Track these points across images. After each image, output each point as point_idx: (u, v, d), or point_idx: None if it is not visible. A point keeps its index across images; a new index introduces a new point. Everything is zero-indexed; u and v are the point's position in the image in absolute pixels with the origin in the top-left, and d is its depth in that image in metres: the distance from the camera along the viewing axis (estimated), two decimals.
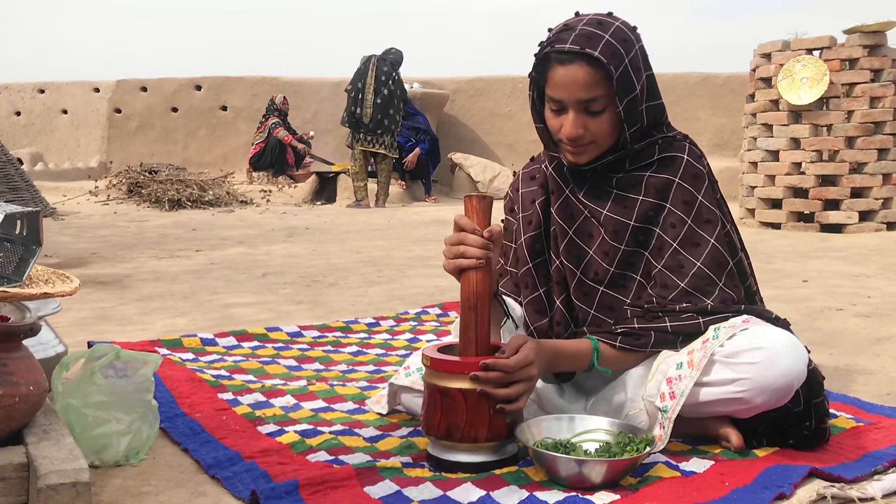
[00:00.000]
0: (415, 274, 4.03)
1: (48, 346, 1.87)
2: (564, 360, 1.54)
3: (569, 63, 1.49)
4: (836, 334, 2.62)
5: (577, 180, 1.64)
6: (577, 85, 1.49)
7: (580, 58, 1.48)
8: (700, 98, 10.86)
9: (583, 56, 1.48)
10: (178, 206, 8.36)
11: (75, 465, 1.22)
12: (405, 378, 1.72)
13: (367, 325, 2.74)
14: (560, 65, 1.50)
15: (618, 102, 1.51)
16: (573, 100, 1.51)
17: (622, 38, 1.50)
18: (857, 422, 1.68)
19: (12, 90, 12.34)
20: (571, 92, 1.51)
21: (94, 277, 3.90)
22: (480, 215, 1.48)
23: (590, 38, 1.48)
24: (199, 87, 11.51)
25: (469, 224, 1.47)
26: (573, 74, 1.49)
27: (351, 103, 8.43)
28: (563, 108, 1.54)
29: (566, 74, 1.50)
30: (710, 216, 1.57)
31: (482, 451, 1.43)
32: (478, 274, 1.45)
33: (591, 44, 1.47)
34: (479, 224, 1.47)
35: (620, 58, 1.49)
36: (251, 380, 2.04)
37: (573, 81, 1.49)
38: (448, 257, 1.47)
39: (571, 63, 1.49)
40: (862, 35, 5.74)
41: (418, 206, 8.91)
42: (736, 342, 1.46)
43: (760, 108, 6.15)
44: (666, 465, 1.43)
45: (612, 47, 1.48)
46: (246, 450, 1.52)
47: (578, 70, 1.49)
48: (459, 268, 1.46)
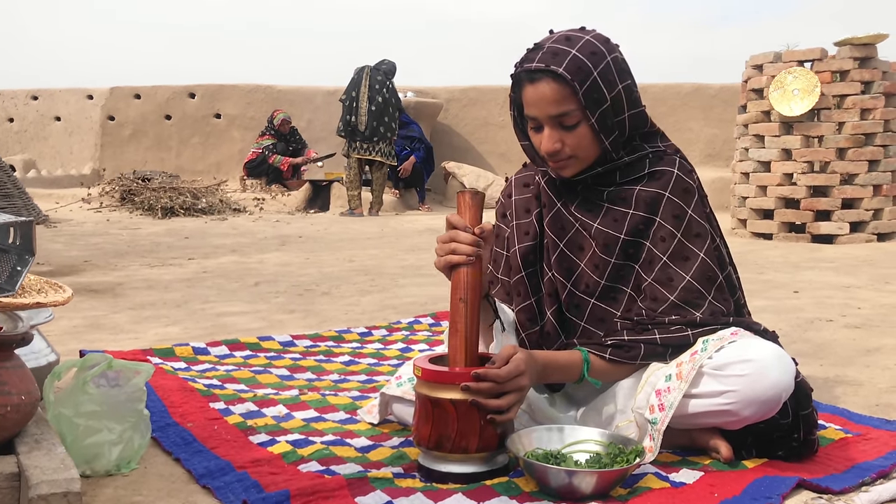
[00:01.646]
0: (407, 283, 4.04)
1: (40, 355, 1.87)
2: (555, 371, 1.55)
3: (537, 81, 1.52)
4: (826, 345, 2.63)
5: (569, 193, 1.66)
6: (546, 101, 1.52)
7: (546, 75, 1.51)
8: (692, 108, 10.90)
9: (548, 73, 1.51)
10: (170, 214, 8.35)
11: (67, 475, 1.22)
12: (397, 388, 1.73)
13: (359, 335, 2.74)
14: (529, 83, 1.53)
15: (589, 115, 1.53)
16: (545, 116, 1.54)
17: (590, 51, 1.53)
18: (845, 433, 1.69)
19: (5, 97, 12.31)
20: (542, 109, 1.54)
21: (87, 285, 3.89)
22: (472, 211, 1.50)
23: (556, 54, 1.51)
24: (192, 95, 11.50)
25: (460, 222, 1.49)
26: (541, 92, 1.52)
27: (346, 112, 8.44)
28: (540, 126, 1.57)
29: (535, 92, 1.53)
30: (700, 230, 1.58)
31: (473, 462, 1.44)
32: (468, 270, 1.47)
33: (557, 60, 1.50)
34: (470, 220, 1.50)
35: (587, 71, 1.51)
36: (243, 389, 2.05)
37: (542, 98, 1.53)
38: (439, 254, 1.50)
39: (539, 81, 1.52)
40: (853, 47, 5.79)
41: (411, 215, 8.92)
42: (724, 354, 1.47)
43: (752, 119, 6.19)
44: (656, 476, 1.44)
45: (578, 62, 1.50)
46: (237, 460, 1.53)
47: (545, 87, 1.52)
48: (450, 264, 1.48)
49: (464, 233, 1.48)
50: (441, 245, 1.50)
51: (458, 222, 1.50)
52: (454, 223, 1.50)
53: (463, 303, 1.47)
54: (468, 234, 1.48)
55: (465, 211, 1.51)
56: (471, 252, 1.47)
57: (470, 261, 1.47)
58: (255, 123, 11.03)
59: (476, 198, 1.51)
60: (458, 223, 1.49)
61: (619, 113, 1.56)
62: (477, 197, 1.52)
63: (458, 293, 1.47)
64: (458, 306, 1.47)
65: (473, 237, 1.47)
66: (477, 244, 1.47)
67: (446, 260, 1.48)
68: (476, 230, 1.48)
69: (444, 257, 1.49)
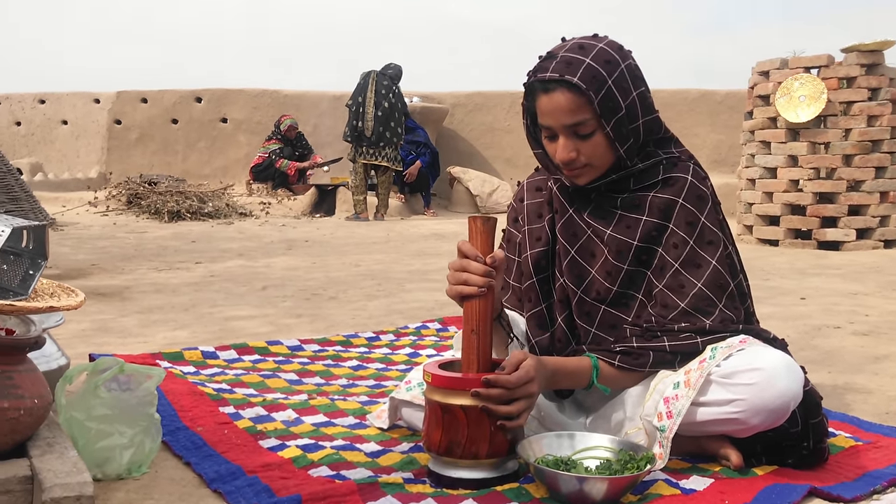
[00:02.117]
0: (414, 288, 4.04)
1: (51, 359, 1.87)
2: (564, 378, 1.55)
3: (551, 91, 1.52)
4: (834, 353, 2.63)
5: (581, 200, 1.66)
6: (561, 111, 1.52)
7: (561, 85, 1.51)
8: (698, 114, 10.90)
9: (563, 83, 1.50)
10: (177, 218, 8.37)
11: (79, 479, 1.23)
12: (406, 393, 1.73)
13: (367, 340, 2.74)
14: (544, 93, 1.53)
15: (604, 124, 1.53)
16: (560, 125, 1.54)
17: (605, 59, 1.52)
18: (855, 441, 1.69)
19: (13, 100, 12.37)
20: (557, 118, 1.53)
21: (95, 289, 3.91)
22: (484, 237, 1.48)
23: (570, 63, 1.51)
24: (199, 100, 11.54)
25: (472, 251, 1.47)
26: (556, 102, 1.52)
27: (352, 117, 8.46)
28: (554, 135, 1.56)
29: (549, 102, 1.53)
30: (713, 237, 1.58)
31: (483, 468, 1.44)
32: (480, 301, 1.46)
33: (571, 70, 1.50)
34: (482, 247, 1.48)
35: (602, 80, 1.51)
36: (252, 393, 2.05)
37: (557, 108, 1.52)
38: (451, 283, 1.48)
39: (554, 91, 1.52)
40: (860, 54, 5.78)
41: (417, 220, 8.92)
42: (732, 363, 1.47)
43: (758, 126, 6.18)
44: (666, 482, 1.44)
45: (592, 71, 1.50)
46: (248, 464, 1.53)
47: (560, 97, 1.51)
48: (462, 295, 1.47)
49: (475, 263, 1.46)
50: (452, 273, 1.48)
51: (469, 251, 1.48)
52: (466, 252, 1.48)
53: (475, 335, 1.47)
54: (480, 264, 1.46)
55: (477, 237, 1.48)
56: (482, 283, 1.45)
57: (482, 292, 1.46)
58: (261, 128, 11.06)
59: (488, 224, 1.49)
60: (470, 252, 1.47)
61: (634, 120, 1.56)
62: (489, 223, 1.49)
63: (470, 325, 1.47)
64: (471, 338, 1.47)
65: (485, 268, 1.46)
66: (489, 274, 1.46)
67: (458, 290, 1.47)
68: (488, 259, 1.47)
69: (456, 287, 1.47)
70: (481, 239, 1.48)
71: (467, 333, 1.47)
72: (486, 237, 1.48)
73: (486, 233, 1.49)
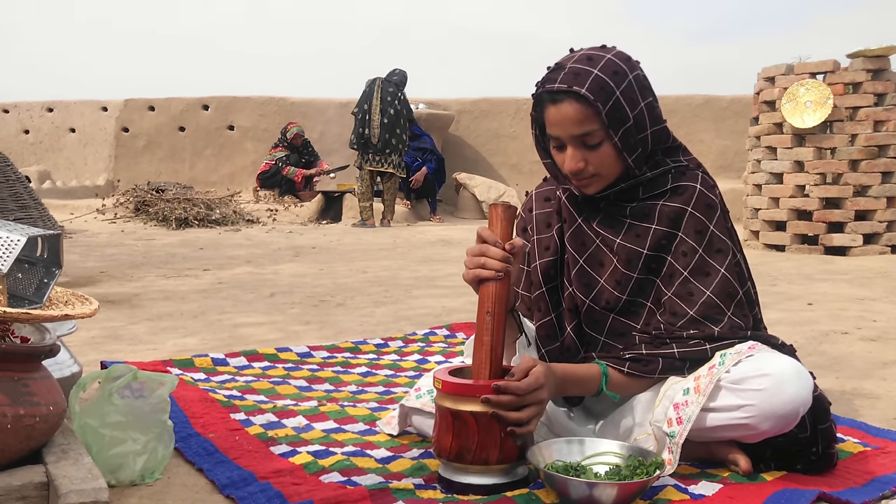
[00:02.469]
0: (421, 294, 4.06)
1: (63, 366, 1.89)
2: (574, 385, 1.56)
3: (559, 102, 1.53)
4: (842, 358, 2.63)
5: (590, 209, 1.67)
6: (569, 122, 1.54)
7: (569, 96, 1.52)
8: (703, 120, 10.90)
9: (571, 94, 1.52)
10: (185, 225, 8.41)
11: (95, 485, 1.24)
12: (416, 400, 1.74)
13: (375, 346, 2.76)
14: (552, 104, 1.55)
15: (612, 134, 1.54)
16: (568, 136, 1.55)
17: (613, 70, 1.54)
18: (864, 446, 1.70)
19: (21, 109, 12.45)
20: (565, 129, 1.55)
21: (104, 296, 3.93)
22: (504, 224, 1.51)
23: (578, 75, 1.52)
24: (206, 107, 11.59)
25: (491, 236, 1.50)
26: (564, 112, 1.53)
27: (358, 125, 8.49)
28: (563, 145, 1.58)
29: (558, 113, 1.54)
30: (722, 246, 1.59)
31: (493, 474, 1.45)
32: (496, 284, 1.48)
33: (579, 81, 1.51)
34: (502, 233, 1.51)
35: (610, 91, 1.52)
36: (263, 400, 2.06)
37: (564, 119, 1.54)
38: (469, 267, 1.50)
39: (561, 102, 1.53)
40: (865, 59, 5.79)
41: (423, 226, 8.94)
42: (742, 368, 1.48)
43: (764, 132, 6.19)
44: (675, 488, 1.45)
45: (600, 82, 1.52)
46: (260, 470, 1.54)
47: (568, 108, 1.53)
48: (479, 278, 1.49)
49: (494, 248, 1.49)
50: (470, 258, 1.51)
51: (488, 236, 1.50)
52: (485, 237, 1.50)
53: (489, 316, 1.48)
54: (498, 249, 1.49)
55: (497, 224, 1.51)
56: (500, 268, 1.47)
57: (499, 276, 1.48)
58: (267, 135, 11.10)
59: (508, 211, 1.52)
60: (489, 237, 1.50)
61: (642, 130, 1.57)
62: (509, 210, 1.52)
63: (486, 307, 1.49)
64: (485, 319, 1.49)
65: (503, 252, 1.48)
66: (507, 260, 1.48)
67: (475, 274, 1.49)
68: (507, 246, 1.49)
69: (473, 271, 1.49)
70: (501, 226, 1.51)
71: (482, 315, 1.49)
72: (506, 224, 1.51)
73: (506, 220, 1.51)
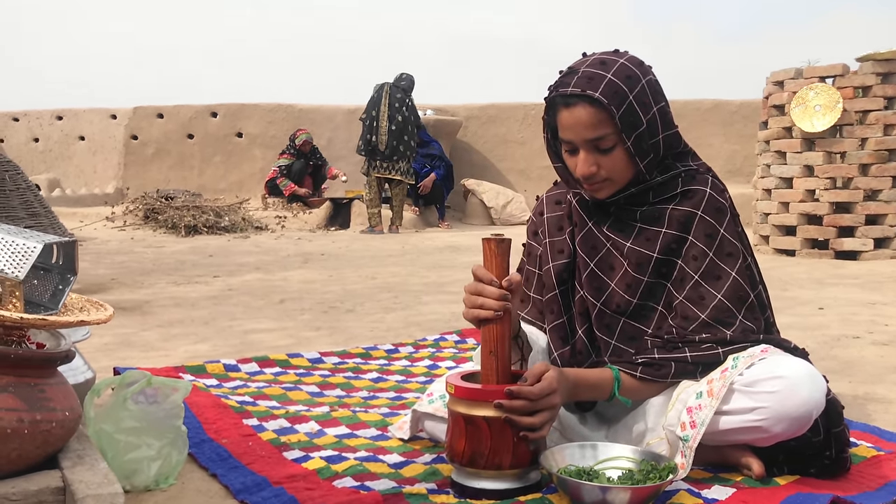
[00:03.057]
0: (431, 300, 4.06)
1: (77, 373, 1.90)
2: (586, 390, 1.57)
3: (573, 106, 1.53)
4: (853, 363, 2.62)
5: (601, 213, 1.68)
6: (582, 126, 1.54)
7: (582, 100, 1.52)
8: (712, 124, 10.90)
9: (584, 98, 1.52)
10: (194, 232, 8.44)
11: (111, 490, 1.25)
12: (428, 405, 1.75)
13: (386, 352, 2.76)
14: (565, 108, 1.55)
15: (625, 139, 1.54)
16: (581, 140, 1.56)
17: (626, 74, 1.54)
18: (877, 450, 1.69)
19: (31, 117, 12.52)
20: (578, 133, 1.55)
21: (115, 303, 3.94)
22: (498, 259, 1.49)
23: (591, 79, 1.52)
24: (214, 114, 11.64)
25: (486, 275, 1.48)
26: (577, 116, 1.53)
27: (366, 132, 8.52)
28: (575, 149, 1.58)
29: (570, 117, 1.54)
30: (732, 249, 1.59)
31: (506, 479, 1.45)
32: (497, 325, 1.47)
33: (592, 85, 1.51)
34: (497, 269, 1.49)
35: (623, 95, 1.52)
36: (275, 406, 2.07)
37: (578, 123, 1.54)
38: (467, 306, 1.49)
39: (575, 106, 1.53)
40: (875, 63, 5.77)
41: (432, 232, 8.95)
42: (755, 371, 1.47)
43: (774, 136, 6.18)
44: (688, 492, 1.45)
45: (613, 86, 1.52)
46: (273, 475, 1.55)
47: (582, 112, 1.53)
48: (478, 318, 1.48)
49: (490, 287, 1.47)
50: (468, 297, 1.49)
51: (483, 276, 1.49)
52: (480, 277, 1.49)
53: (493, 356, 1.48)
54: (494, 288, 1.47)
55: (491, 259, 1.49)
56: (498, 307, 1.46)
57: (498, 316, 1.47)
58: (276, 142, 11.14)
59: (502, 246, 1.49)
60: (484, 277, 1.48)
61: (654, 135, 1.58)
62: (503, 245, 1.50)
63: (489, 347, 1.48)
64: (489, 359, 1.48)
65: (500, 292, 1.47)
66: (504, 298, 1.47)
67: (475, 314, 1.48)
68: (504, 283, 1.48)
69: (473, 311, 1.48)
70: (496, 262, 1.49)
71: (486, 355, 1.49)
72: (500, 259, 1.49)
73: (500, 255, 1.49)
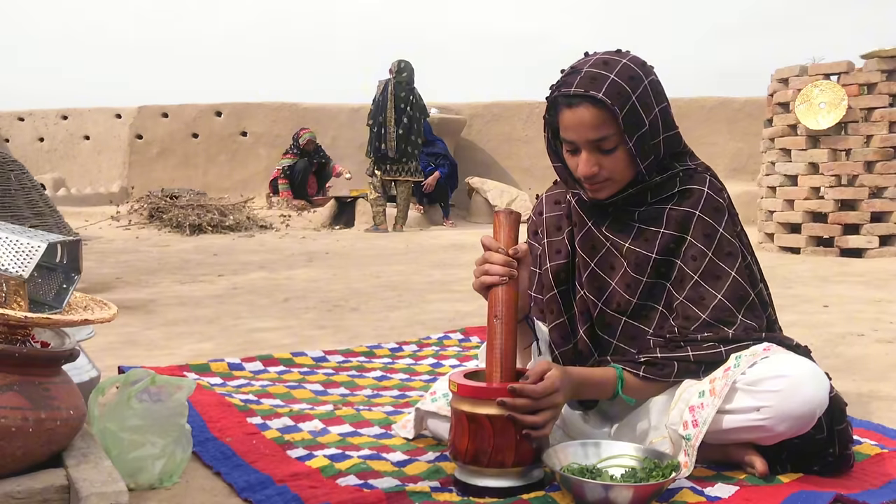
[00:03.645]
0: (435, 299, 4.06)
1: (82, 371, 1.91)
2: (589, 388, 1.57)
3: (575, 106, 1.53)
4: (858, 360, 2.62)
5: (599, 214, 1.68)
6: (585, 126, 1.54)
7: (585, 100, 1.52)
8: (717, 123, 10.87)
9: (587, 98, 1.52)
10: (198, 231, 8.45)
11: (115, 488, 1.26)
12: (431, 404, 1.75)
13: (390, 350, 2.77)
14: (567, 108, 1.55)
15: (627, 139, 1.54)
16: (583, 140, 1.56)
17: (629, 75, 1.54)
18: (881, 448, 1.69)
19: (36, 117, 12.55)
20: (580, 133, 1.55)
21: (120, 302, 3.94)
22: (507, 230, 1.54)
23: (594, 79, 1.52)
24: (219, 114, 11.66)
25: (493, 243, 1.53)
26: (580, 117, 1.53)
27: (374, 139, 8.49)
28: (577, 149, 1.58)
29: (573, 117, 1.54)
30: (731, 249, 1.59)
31: (509, 476, 1.45)
32: (502, 288, 1.50)
33: (596, 85, 1.51)
34: (506, 238, 1.53)
35: (626, 96, 1.52)
36: (279, 404, 2.08)
37: (580, 123, 1.54)
38: (476, 276, 1.53)
39: (578, 106, 1.53)
40: (880, 60, 5.76)
41: (436, 231, 8.95)
42: (757, 370, 1.47)
43: (778, 133, 6.17)
44: (691, 490, 1.45)
45: (617, 87, 1.52)
46: (277, 473, 1.55)
47: (585, 112, 1.53)
48: (484, 284, 1.52)
49: (496, 254, 1.51)
50: (476, 267, 1.54)
51: (490, 244, 1.53)
52: (487, 245, 1.54)
53: (497, 320, 1.49)
54: (500, 254, 1.51)
55: (500, 230, 1.54)
56: (503, 272, 1.50)
57: (503, 280, 1.50)
58: (280, 141, 11.15)
59: (510, 217, 1.55)
60: (491, 244, 1.53)
61: (656, 136, 1.58)
62: (511, 216, 1.55)
63: (493, 311, 1.50)
64: (493, 323, 1.50)
65: (505, 257, 1.51)
66: (509, 264, 1.50)
67: (480, 281, 1.52)
68: (511, 250, 1.51)
69: (479, 278, 1.52)
70: (504, 232, 1.54)
71: (491, 320, 1.50)
72: (509, 229, 1.54)
73: (508, 225, 1.54)
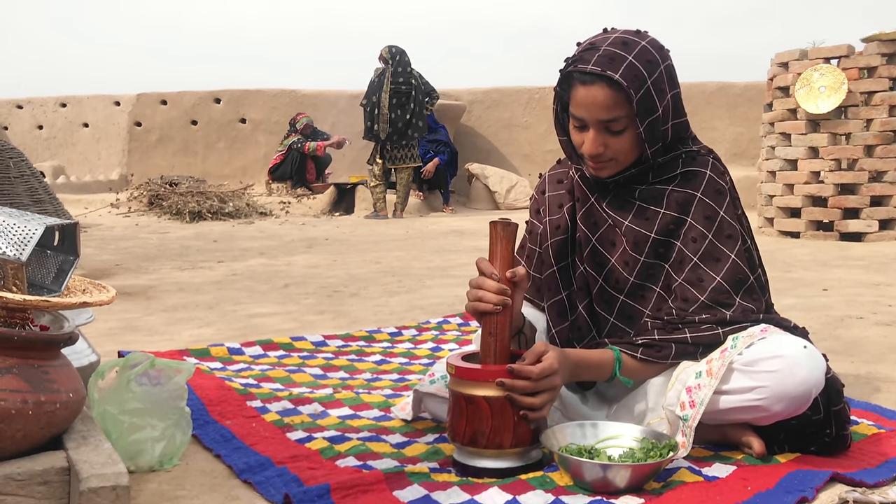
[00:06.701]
0: (434, 284, 4.07)
1: (82, 356, 1.91)
2: (587, 370, 1.57)
3: (590, 84, 1.52)
4: (856, 343, 2.62)
5: (601, 190, 1.67)
6: (598, 106, 1.52)
7: (601, 80, 1.50)
8: (717, 107, 10.84)
9: (604, 78, 1.50)
10: (198, 218, 8.44)
11: (115, 470, 1.26)
12: (430, 385, 1.76)
13: (389, 335, 2.77)
14: (582, 85, 1.53)
15: (638, 123, 1.53)
16: (594, 119, 1.54)
17: (646, 58, 1.52)
18: (878, 428, 1.70)
19: (35, 104, 12.51)
20: (592, 112, 1.53)
21: (120, 289, 3.96)
22: (504, 243, 1.49)
23: (612, 59, 1.50)
24: (218, 101, 11.62)
25: (488, 269, 1.49)
26: (594, 95, 1.52)
27: (367, 118, 8.43)
28: (585, 126, 1.57)
29: (587, 95, 1.52)
30: (731, 231, 1.59)
31: (507, 458, 1.46)
32: (496, 317, 1.48)
33: (613, 66, 1.49)
34: (503, 252, 1.49)
35: (643, 80, 1.51)
36: (278, 388, 2.08)
37: (594, 102, 1.52)
38: (469, 299, 1.50)
39: (593, 84, 1.51)
40: (880, 43, 5.74)
41: (436, 217, 8.95)
42: (754, 351, 1.48)
43: (778, 118, 6.15)
44: (689, 470, 1.46)
45: (634, 69, 1.50)
46: (276, 455, 1.56)
47: (599, 91, 1.51)
48: (478, 311, 1.49)
49: (490, 281, 1.47)
50: (470, 290, 1.50)
51: (485, 269, 1.49)
52: (482, 270, 1.49)
53: (492, 337, 1.48)
54: (494, 282, 1.47)
55: (496, 243, 1.49)
56: (497, 301, 1.46)
57: (496, 310, 1.47)
58: (279, 128, 11.12)
59: (507, 229, 1.49)
60: (486, 270, 1.49)
61: (666, 122, 1.57)
62: (508, 228, 1.50)
63: (488, 329, 1.49)
64: (488, 340, 1.49)
65: (499, 286, 1.46)
66: (503, 292, 1.46)
67: (473, 307, 1.49)
68: (508, 274, 1.47)
69: (472, 304, 1.49)
70: (501, 245, 1.49)
71: (485, 337, 1.49)
72: (505, 243, 1.49)
73: (505, 239, 1.49)
